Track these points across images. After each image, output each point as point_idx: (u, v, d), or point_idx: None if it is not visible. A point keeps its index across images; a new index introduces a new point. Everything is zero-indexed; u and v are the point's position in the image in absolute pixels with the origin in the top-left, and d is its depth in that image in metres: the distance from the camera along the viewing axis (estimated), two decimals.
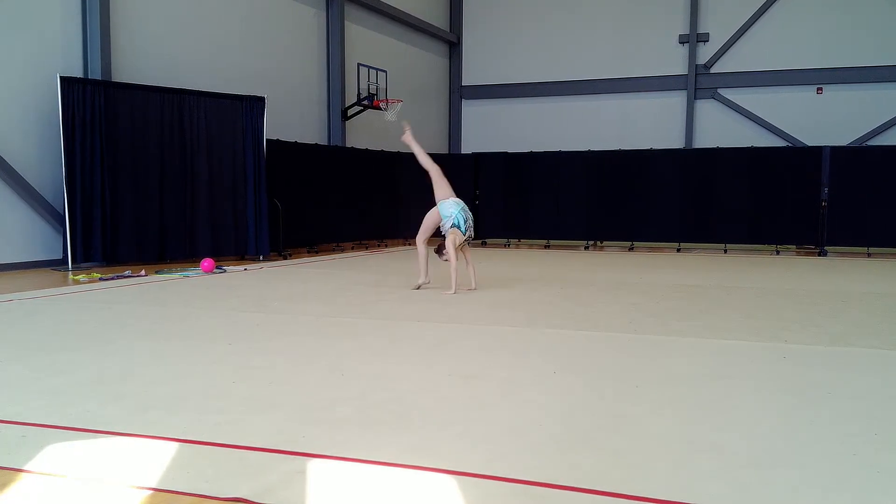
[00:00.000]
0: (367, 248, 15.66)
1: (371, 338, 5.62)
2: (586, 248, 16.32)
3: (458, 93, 22.10)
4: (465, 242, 8.54)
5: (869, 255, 14.49)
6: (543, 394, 4.02)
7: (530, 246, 16.91)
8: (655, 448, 3.15)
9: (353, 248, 15.50)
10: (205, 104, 12.12)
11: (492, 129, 21.64)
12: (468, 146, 21.51)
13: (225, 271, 10.54)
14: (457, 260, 8.32)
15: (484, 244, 17.33)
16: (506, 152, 17.44)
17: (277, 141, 13.46)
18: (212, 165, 12.20)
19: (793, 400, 3.93)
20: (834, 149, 14.91)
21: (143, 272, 10.05)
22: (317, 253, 14.27)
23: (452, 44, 21.85)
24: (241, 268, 11.01)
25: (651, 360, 4.90)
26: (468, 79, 22.03)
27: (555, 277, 10.10)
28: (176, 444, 3.17)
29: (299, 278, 9.92)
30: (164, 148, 11.62)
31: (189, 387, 4.14)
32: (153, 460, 3.00)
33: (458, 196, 8.81)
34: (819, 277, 10.42)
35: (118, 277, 9.51)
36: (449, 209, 8.50)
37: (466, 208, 8.67)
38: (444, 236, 8.50)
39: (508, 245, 17.14)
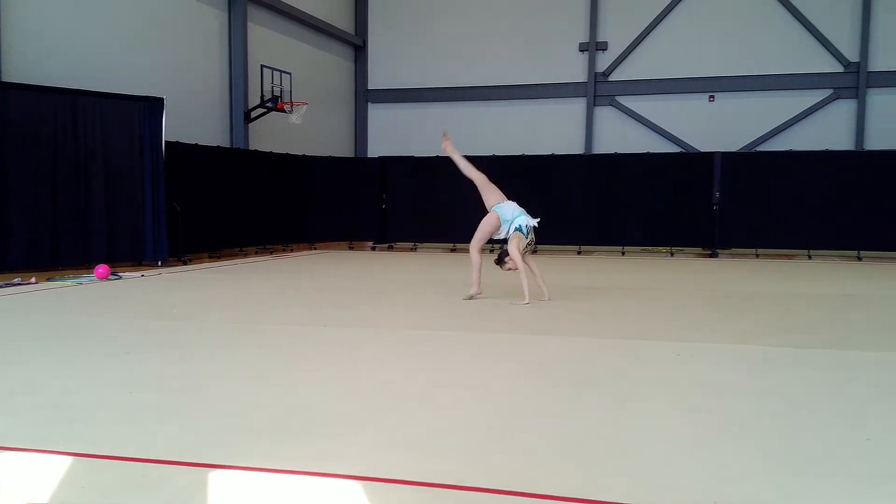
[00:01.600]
0: (271, 253, 15.41)
1: (279, 344, 5.54)
2: (491, 251, 16.50)
3: (365, 96, 22.02)
4: (528, 249, 8.09)
5: (757, 255, 15.21)
6: (460, 396, 4.05)
7: (441, 250, 17.01)
8: (573, 448, 3.22)
9: (257, 253, 15.22)
10: (101, 105, 11.67)
11: (399, 134, 21.64)
12: (375, 150, 21.45)
13: (121, 278, 10.17)
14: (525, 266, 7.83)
15: (391, 248, 17.32)
16: (412, 156, 17.49)
17: (177, 143, 13.09)
18: (108, 168, 11.75)
19: (696, 398, 4.08)
20: (725, 154, 15.60)
21: (33, 279, 9.60)
22: (219, 258, 13.95)
23: (358, 47, 21.76)
24: (138, 274, 10.65)
25: (564, 361, 5.00)
26: (374, 82, 21.98)
27: (463, 280, 10.18)
28: (70, 459, 3.05)
29: (200, 284, 9.67)
30: (58, 150, 11.12)
31: (84, 399, 3.99)
32: (47, 476, 2.87)
33: (365, 203, 8.71)
34: (711, 278, 10.87)
35: (7, 285, 9.05)
36: (510, 212, 8.11)
37: (526, 213, 8.24)
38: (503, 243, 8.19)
39: (416, 248, 17.18)
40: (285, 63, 17.36)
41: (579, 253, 15.95)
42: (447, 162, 16.78)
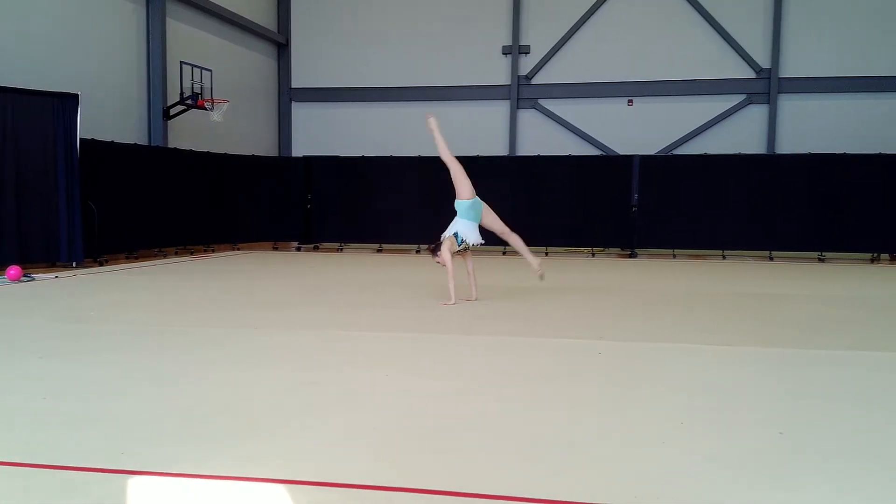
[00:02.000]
0: (192, 254, 15.09)
1: (201, 347, 5.44)
2: (418, 251, 16.57)
3: (288, 95, 21.76)
4: (466, 250, 8.33)
5: (674, 256, 15.68)
6: (380, 397, 4.06)
7: (368, 250, 16.95)
8: (493, 445, 3.27)
9: (177, 254, 14.88)
10: (11, 102, 11.21)
11: (324, 133, 21.46)
12: (299, 149, 21.22)
13: (33, 279, 9.81)
14: (454, 266, 7.99)
15: (316, 248, 17.17)
16: (338, 156, 17.38)
17: (93, 141, 12.69)
18: (19, 166, 11.30)
19: (617, 392, 4.20)
20: (643, 157, 16.01)
21: None
22: (137, 259, 13.58)
23: (281, 45, 21.49)
24: (51, 275, 10.28)
25: (487, 360, 5.07)
26: (298, 81, 21.74)
27: (395, 281, 10.19)
28: None
29: (117, 286, 9.41)
30: None
31: None
32: None
33: (290, 202, 8.61)
34: (632, 277, 11.16)
35: None
36: (464, 213, 8.36)
37: (482, 211, 8.44)
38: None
39: (342, 249, 17.08)
40: (206, 60, 17.03)
41: (504, 253, 16.13)
42: (373, 162, 16.85)
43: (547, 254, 16.02)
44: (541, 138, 20.24)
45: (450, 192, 16.47)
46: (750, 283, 10.48)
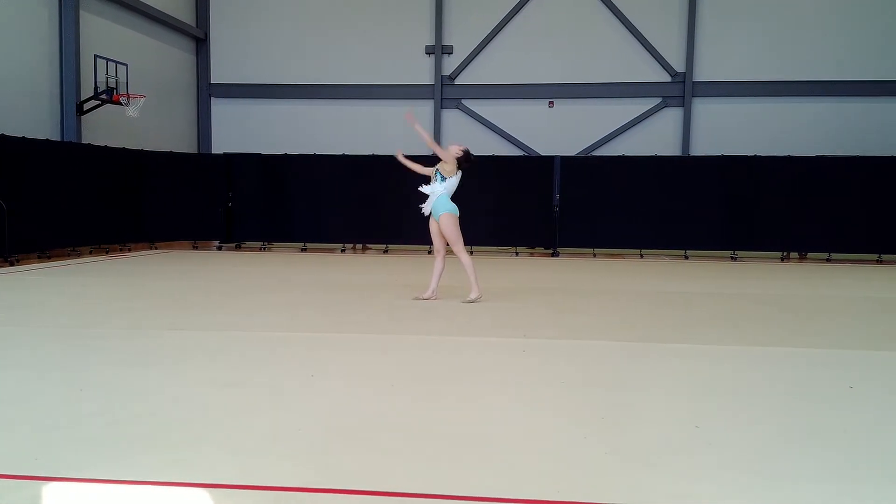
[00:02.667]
0: (108, 253, 14.65)
1: (114, 349, 5.31)
2: (343, 250, 16.49)
3: (207, 90, 21.32)
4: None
5: (594, 255, 16.03)
6: (304, 398, 4.05)
7: (292, 250, 16.76)
8: (416, 443, 3.31)
9: (91, 253, 14.42)
10: None
11: (245, 130, 21.11)
12: (220, 146, 20.82)
13: None
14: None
15: (238, 247, 16.89)
16: (260, 154, 17.12)
17: (2, 136, 12.19)
18: None
19: (536, 390, 4.29)
20: (564, 158, 16.31)
21: None
22: (50, 259, 13.11)
23: (200, 40, 21.04)
24: None
25: (403, 359, 5.11)
26: (218, 76, 21.33)
27: (318, 281, 10.12)
28: None
29: (28, 287, 9.07)
30: None
31: None
32: None
33: (210, 201, 8.46)
34: (554, 276, 11.37)
35: None
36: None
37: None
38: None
39: (265, 248, 16.85)
40: (122, 54, 16.55)
41: (430, 253, 16.20)
42: (297, 160, 16.66)
43: (472, 253, 16.14)
44: (465, 138, 20.34)
45: (378, 192, 16.48)
46: (667, 282, 10.81)
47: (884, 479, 2.97)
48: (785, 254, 15.96)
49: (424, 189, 8.21)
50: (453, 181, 8.22)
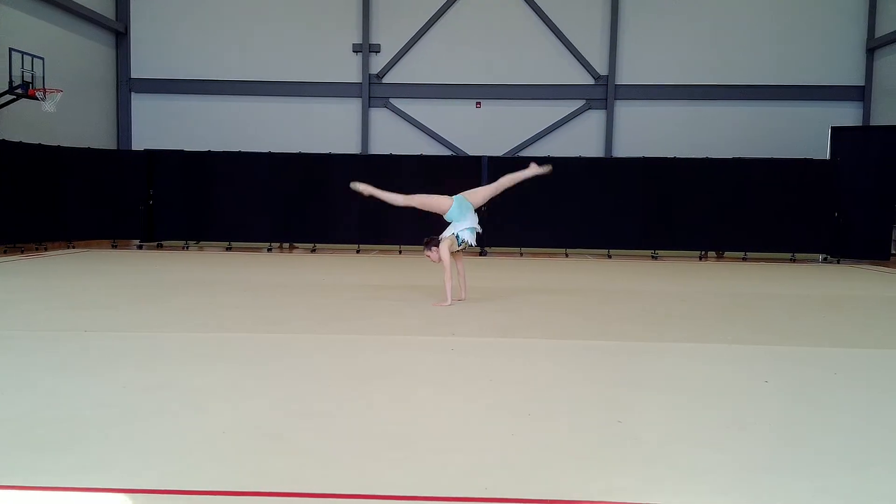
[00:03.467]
0: (22, 252, 14.11)
1: (26, 352, 5.13)
2: (269, 250, 16.28)
3: (128, 85, 20.74)
4: (462, 250, 8.52)
5: (521, 254, 16.24)
6: (226, 400, 4.00)
7: (216, 249, 16.44)
8: (345, 444, 3.30)
9: (5, 253, 13.87)
10: None
11: (167, 126, 20.61)
12: (140, 143, 20.28)
13: None
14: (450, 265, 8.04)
15: (160, 246, 16.50)
16: (183, 150, 16.75)
17: None
18: None
19: (465, 388, 4.34)
20: (491, 158, 16.47)
21: None
22: None
23: (120, 33, 20.45)
24: None
25: (328, 359, 5.08)
26: (139, 71, 20.77)
27: (239, 280, 9.96)
28: None
29: None
30: None
31: None
32: None
33: (130, 198, 8.19)
34: (481, 275, 11.47)
35: None
36: (459, 214, 8.56)
37: (469, 204, 8.74)
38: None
39: (187, 247, 16.49)
40: (38, 47, 15.97)
41: (358, 252, 16.14)
42: (221, 157, 16.36)
43: (401, 252, 16.16)
44: (393, 137, 20.39)
45: (305, 190, 16.34)
46: (590, 280, 11.04)
47: (800, 471, 3.11)
48: (703, 253, 16.47)
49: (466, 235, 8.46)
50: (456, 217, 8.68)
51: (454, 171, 16.32)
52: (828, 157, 16.09)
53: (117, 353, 5.20)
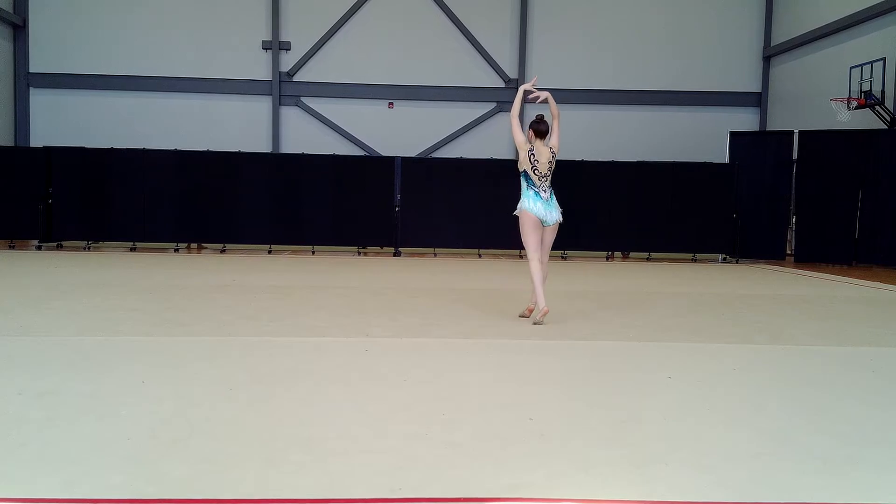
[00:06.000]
0: None
1: None
2: (176, 250, 15.86)
3: (26, 80, 19.88)
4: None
5: (435, 255, 16.32)
6: (130, 406, 3.89)
7: (119, 249, 15.90)
8: (249, 448, 3.27)
9: None
10: None
11: (67, 122, 19.86)
12: (39, 139, 19.46)
13: None
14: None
15: (60, 247, 15.85)
16: (84, 147, 16.14)
17: None
18: None
19: (377, 389, 4.34)
20: (404, 159, 16.50)
21: None
22: None
23: (17, 26, 19.57)
24: None
25: (234, 362, 5.00)
26: (37, 65, 19.93)
27: (141, 282, 9.68)
28: None
29: None
30: None
31: None
32: None
33: (28, 197, 7.72)
34: (396, 275, 11.49)
35: None
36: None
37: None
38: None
39: (89, 248, 15.90)
40: None
41: (270, 252, 15.91)
42: (125, 155, 15.84)
43: (314, 252, 16.02)
44: (305, 136, 20.20)
45: (214, 189, 15.98)
46: (501, 280, 11.21)
47: (695, 464, 3.25)
48: (610, 254, 16.91)
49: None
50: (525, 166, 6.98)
51: (367, 171, 16.29)
52: (727, 160, 16.78)
53: (7, 358, 4.99)
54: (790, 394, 4.50)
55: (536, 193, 6.90)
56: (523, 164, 6.93)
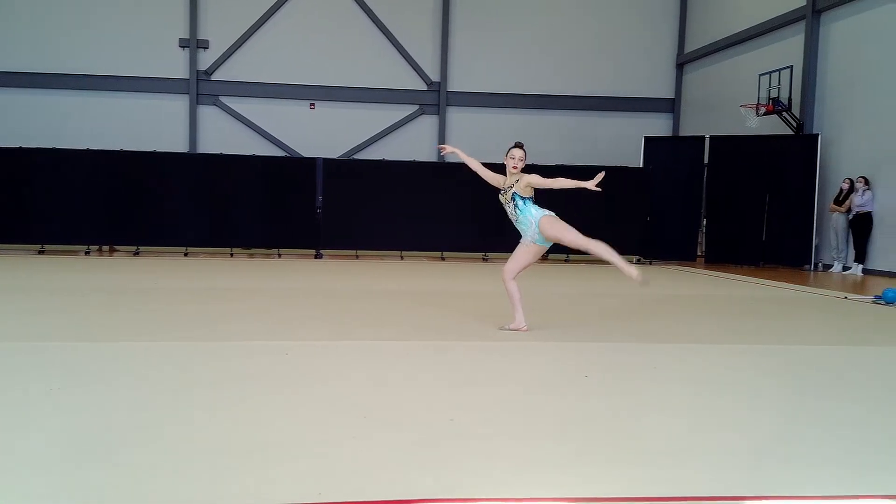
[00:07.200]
0: None
1: None
2: (87, 253, 15.33)
3: None
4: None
5: (357, 257, 16.24)
6: (49, 414, 3.75)
7: (30, 251, 15.25)
8: (163, 457, 3.19)
9: None
10: None
11: None
12: None
13: None
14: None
15: None
16: None
17: None
18: None
19: (301, 393, 4.30)
20: (326, 160, 16.37)
21: None
22: None
23: None
24: None
25: (150, 368, 4.87)
26: None
27: (60, 285, 9.33)
28: None
29: None
30: None
31: None
32: None
33: None
34: (317, 278, 11.40)
35: None
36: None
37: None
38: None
39: None
40: None
41: (186, 255, 15.55)
42: (34, 154, 15.21)
43: (232, 255, 15.73)
44: (224, 136, 19.83)
45: (129, 190, 15.49)
46: (423, 282, 11.25)
47: (616, 461, 3.34)
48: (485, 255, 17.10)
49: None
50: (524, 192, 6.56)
51: (288, 172, 16.11)
52: (641, 165, 17.24)
53: None
54: (693, 389, 4.66)
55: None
56: (525, 192, 6.54)
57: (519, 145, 6.68)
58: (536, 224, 6.37)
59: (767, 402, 4.39)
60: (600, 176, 6.41)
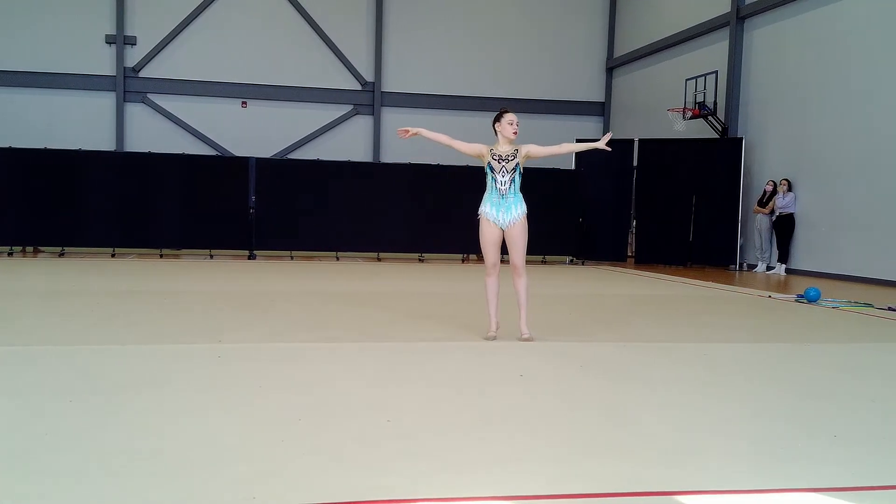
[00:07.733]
0: None
1: None
2: (10, 254, 14.80)
3: None
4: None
5: (292, 258, 16.07)
6: None
7: None
8: (89, 464, 3.12)
9: None
10: None
11: None
12: None
13: None
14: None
15: None
16: None
17: None
18: None
19: (233, 396, 4.25)
20: (259, 160, 16.15)
21: None
22: None
23: None
24: None
25: (74, 372, 4.75)
26: None
27: None
28: None
29: None
30: None
31: None
32: None
33: None
34: (250, 279, 11.25)
35: None
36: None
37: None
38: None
39: None
40: None
41: (114, 255, 15.15)
42: None
43: (161, 256, 15.40)
44: (152, 135, 19.38)
45: (52, 190, 15.01)
46: (360, 284, 11.21)
47: (547, 458, 3.40)
48: (465, 255, 17.22)
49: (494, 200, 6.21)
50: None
51: (220, 172, 15.85)
52: (573, 167, 17.51)
53: None
54: (624, 387, 4.79)
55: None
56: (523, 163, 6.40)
57: (509, 109, 6.53)
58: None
59: (702, 397, 4.54)
60: (608, 136, 6.77)
